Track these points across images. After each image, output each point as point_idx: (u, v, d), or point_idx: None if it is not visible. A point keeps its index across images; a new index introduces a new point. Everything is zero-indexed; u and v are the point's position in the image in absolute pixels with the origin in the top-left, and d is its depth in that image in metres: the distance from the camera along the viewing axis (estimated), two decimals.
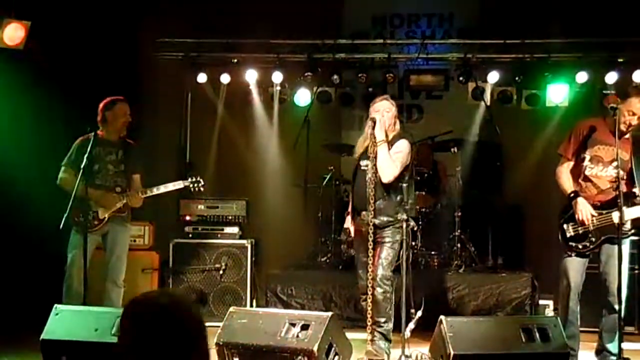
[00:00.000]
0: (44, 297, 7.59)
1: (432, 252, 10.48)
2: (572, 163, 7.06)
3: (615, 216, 6.65)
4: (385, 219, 7.20)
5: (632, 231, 6.68)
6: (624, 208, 6.55)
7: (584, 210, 6.86)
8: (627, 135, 6.72)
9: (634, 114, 6.69)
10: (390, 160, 7.19)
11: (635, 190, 6.62)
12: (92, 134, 7.62)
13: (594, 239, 6.83)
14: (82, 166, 7.52)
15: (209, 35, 11.10)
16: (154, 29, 10.94)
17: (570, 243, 6.95)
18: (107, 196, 7.96)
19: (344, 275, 9.43)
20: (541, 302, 9.55)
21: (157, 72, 11.22)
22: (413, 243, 8.09)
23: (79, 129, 7.96)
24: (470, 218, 10.78)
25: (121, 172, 8.09)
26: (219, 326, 6.56)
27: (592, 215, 6.83)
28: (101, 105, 8.05)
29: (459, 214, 10.51)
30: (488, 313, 9.43)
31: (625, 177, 6.72)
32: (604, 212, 6.76)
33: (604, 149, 6.86)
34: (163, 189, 8.26)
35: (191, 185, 8.45)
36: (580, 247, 6.90)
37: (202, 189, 8.52)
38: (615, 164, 6.73)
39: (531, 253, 11.11)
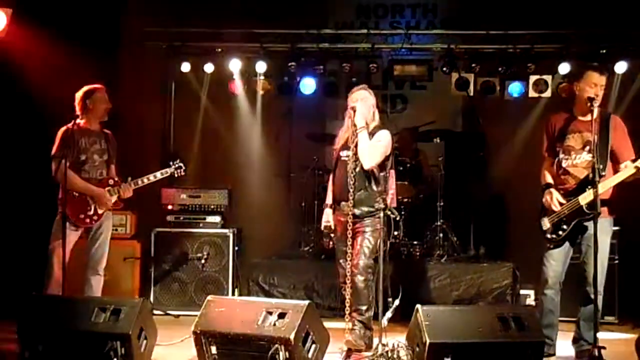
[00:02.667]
0: (25, 285, 7.60)
1: (415, 242, 10.52)
2: (551, 160, 7.14)
3: (580, 198, 6.72)
4: (366, 209, 7.24)
5: (599, 212, 6.63)
6: (588, 189, 6.63)
7: (550, 197, 6.95)
8: (591, 117, 6.71)
9: (595, 85, 6.79)
10: (372, 147, 7.22)
11: (601, 167, 6.64)
12: (73, 123, 7.60)
13: (565, 226, 6.88)
14: (73, 158, 7.62)
15: (193, 24, 11.07)
16: (138, 18, 10.91)
17: (548, 236, 7.02)
18: (102, 191, 7.95)
19: (326, 265, 9.43)
20: (522, 292, 9.60)
21: (141, 61, 11.18)
22: (395, 233, 8.12)
23: (61, 117, 7.93)
24: (453, 208, 10.84)
25: (105, 162, 8.08)
26: None
27: (561, 203, 6.89)
28: (81, 94, 8.00)
29: (441, 203, 10.57)
30: (469, 303, 9.48)
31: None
32: (572, 197, 6.81)
33: (573, 138, 6.92)
34: (152, 178, 8.27)
35: (175, 171, 8.46)
36: (555, 237, 6.95)
37: (182, 173, 8.53)
38: (587, 147, 6.80)
39: (513, 243, 11.13)
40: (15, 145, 9.53)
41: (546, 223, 7.03)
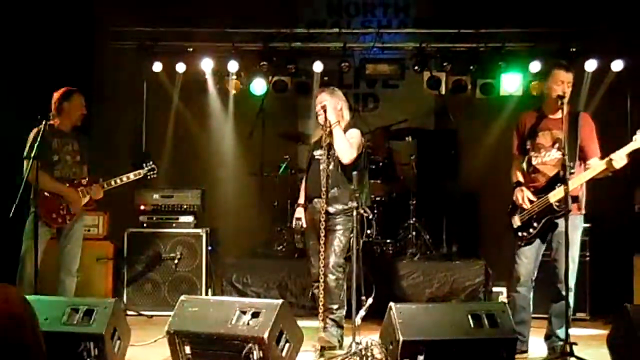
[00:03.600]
0: None
1: (387, 241, 10.55)
2: (521, 158, 7.20)
3: (550, 196, 6.78)
4: (340, 207, 7.28)
5: (568, 209, 6.66)
6: (558, 186, 6.70)
7: (520, 195, 7.01)
8: (561, 114, 6.77)
9: (562, 82, 6.85)
10: (348, 142, 7.26)
11: (570, 164, 6.69)
12: (45, 123, 7.55)
13: (535, 224, 6.94)
14: (46, 159, 7.63)
15: (164, 24, 11.02)
16: (109, 17, 10.87)
17: (519, 233, 7.08)
18: (74, 192, 7.93)
19: (299, 264, 9.42)
20: (494, 289, 9.63)
21: (112, 61, 11.16)
22: (368, 231, 8.11)
23: (32, 118, 7.88)
24: (425, 206, 10.87)
25: (77, 163, 8.06)
26: None
27: (530, 200, 6.96)
28: (57, 95, 7.98)
29: (414, 202, 10.58)
30: (442, 300, 9.51)
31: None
32: (543, 195, 6.87)
33: (543, 135, 6.99)
34: (125, 179, 8.26)
35: (148, 173, 8.46)
36: (525, 234, 7.01)
37: (155, 175, 8.54)
38: (557, 145, 6.85)
39: (485, 241, 11.20)
40: None
41: (517, 221, 7.09)
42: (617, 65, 10.44)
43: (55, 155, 7.89)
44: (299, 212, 7.69)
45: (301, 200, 7.76)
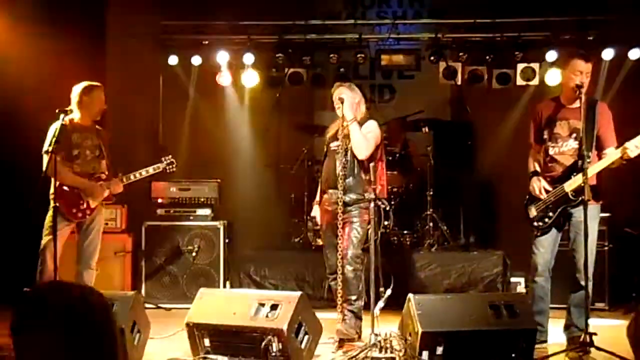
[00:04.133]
0: (17, 280, 7.58)
1: (405, 232, 10.53)
2: (538, 148, 7.19)
3: (566, 185, 6.78)
4: (354, 196, 7.29)
5: (582, 198, 6.64)
6: (574, 175, 6.71)
7: (537, 185, 7.03)
8: (578, 104, 6.76)
9: (580, 72, 6.83)
10: (364, 138, 7.26)
11: (590, 154, 6.68)
12: (64, 116, 7.55)
13: (551, 213, 6.95)
14: (65, 153, 7.70)
15: (180, 17, 11.06)
16: (123, 12, 10.88)
17: (534, 223, 7.09)
18: (94, 186, 7.95)
19: (316, 256, 9.35)
20: (513, 279, 9.63)
21: (128, 55, 11.15)
22: (385, 223, 8.10)
23: (50, 113, 7.89)
24: (442, 197, 10.84)
25: (97, 158, 8.07)
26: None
27: (546, 190, 6.96)
28: (79, 88, 7.96)
29: (431, 193, 10.57)
30: (460, 291, 9.51)
31: None
32: (558, 185, 6.86)
33: (560, 125, 6.98)
34: (144, 173, 8.29)
35: (166, 167, 8.48)
36: (542, 224, 7.01)
37: (174, 169, 8.56)
38: (574, 135, 6.85)
39: (503, 231, 11.20)
40: (2, 140, 9.51)
41: (533, 211, 7.10)
42: (635, 54, 10.37)
43: (74, 149, 7.90)
44: (315, 211, 7.71)
45: (318, 197, 7.77)
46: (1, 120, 9.51)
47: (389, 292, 6.91)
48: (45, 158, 7.58)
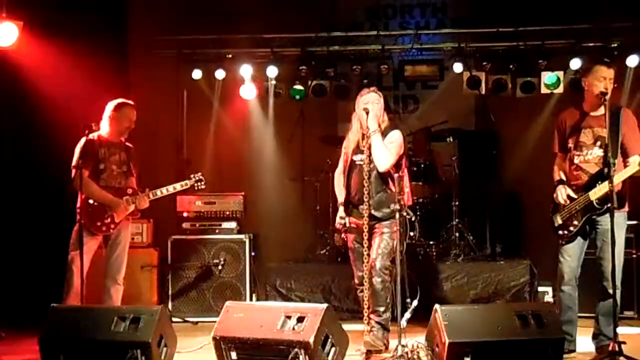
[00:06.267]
0: (44, 295, 7.63)
1: (431, 242, 10.51)
2: (563, 157, 7.16)
3: (591, 193, 6.76)
4: (387, 210, 7.21)
5: (609, 206, 6.60)
6: (599, 184, 6.69)
7: (560, 192, 7.02)
8: (602, 111, 6.74)
9: (604, 79, 6.80)
10: (386, 149, 7.23)
11: (615, 162, 6.65)
12: (88, 132, 7.62)
13: (576, 222, 6.93)
14: (92, 168, 7.80)
15: (203, 31, 11.11)
16: (147, 26, 10.95)
17: (560, 232, 7.07)
18: (119, 200, 7.99)
19: (342, 267, 9.36)
20: (540, 288, 9.57)
21: (151, 70, 11.22)
22: (411, 234, 8.12)
23: (75, 128, 7.94)
24: (468, 207, 10.85)
25: (123, 173, 8.13)
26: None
27: (571, 198, 6.94)
28: (111, 105, 8.07)
29: (457, 203, 10.56)
30: (487, 301, 9.47)
31: None
32: (584, 192, 6.83)
33: (584, 133, 6.94)
34: (172, 189, 8.34)
35: (195, 184, 8.52)
36: (567, 232, 6.98)
37: (203, 186, 8.61)
38: (599, 143, 6.83)
39: (529, 240, 11.12)
40: (29, 155, 9.59)
41: (558, 219, 7.07)
42: None
43: (101, 164, 7.97)
44: (342, 211, 7.62)
45: (341, 198, 7.69)
46: (28, 137, 9.58)
47: (415, 303, 6.90)
48: (73, 173, 7.67)
